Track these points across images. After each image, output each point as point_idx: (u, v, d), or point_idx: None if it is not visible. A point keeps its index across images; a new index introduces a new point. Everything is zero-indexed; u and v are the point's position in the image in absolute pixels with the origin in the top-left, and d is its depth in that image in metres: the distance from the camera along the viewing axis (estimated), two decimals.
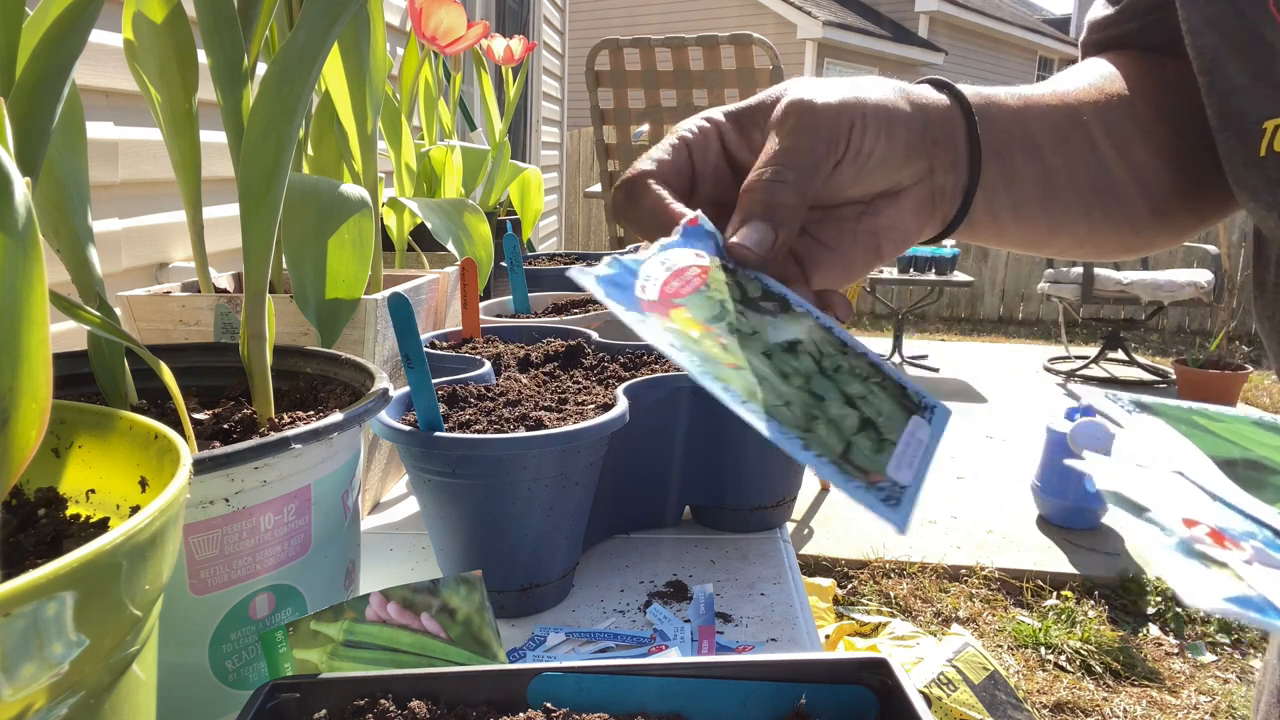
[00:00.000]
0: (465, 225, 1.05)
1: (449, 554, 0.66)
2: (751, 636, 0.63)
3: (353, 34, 0.78)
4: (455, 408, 0.68)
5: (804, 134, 0.40)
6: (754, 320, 0.36)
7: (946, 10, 12.89)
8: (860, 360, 0.38)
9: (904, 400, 0.37)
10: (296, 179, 0.72)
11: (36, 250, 0.24)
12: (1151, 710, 2.07)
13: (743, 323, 0.36)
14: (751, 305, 0.37)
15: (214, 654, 0.46)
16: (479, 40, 1.12)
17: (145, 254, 1.18)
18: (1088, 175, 0.49)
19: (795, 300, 0.39)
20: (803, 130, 0.40)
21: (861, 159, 0.41)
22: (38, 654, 0.21)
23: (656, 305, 0.35)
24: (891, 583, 2.61)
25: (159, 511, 0.26)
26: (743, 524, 0.80)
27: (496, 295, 1.16)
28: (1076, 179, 0.49)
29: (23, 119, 0.39)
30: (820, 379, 0.35)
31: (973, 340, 6.28)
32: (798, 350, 0.36)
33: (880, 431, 0.35)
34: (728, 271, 0.38)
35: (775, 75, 2.40)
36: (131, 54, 0.66)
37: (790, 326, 0.37)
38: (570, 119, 6.53)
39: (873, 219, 0.44)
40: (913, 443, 0.35)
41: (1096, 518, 2.93)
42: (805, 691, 0.35)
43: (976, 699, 1.82)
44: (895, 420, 0.36)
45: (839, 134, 0.40)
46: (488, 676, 0.37)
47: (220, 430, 0.53)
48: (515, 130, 4.36)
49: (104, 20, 0.48)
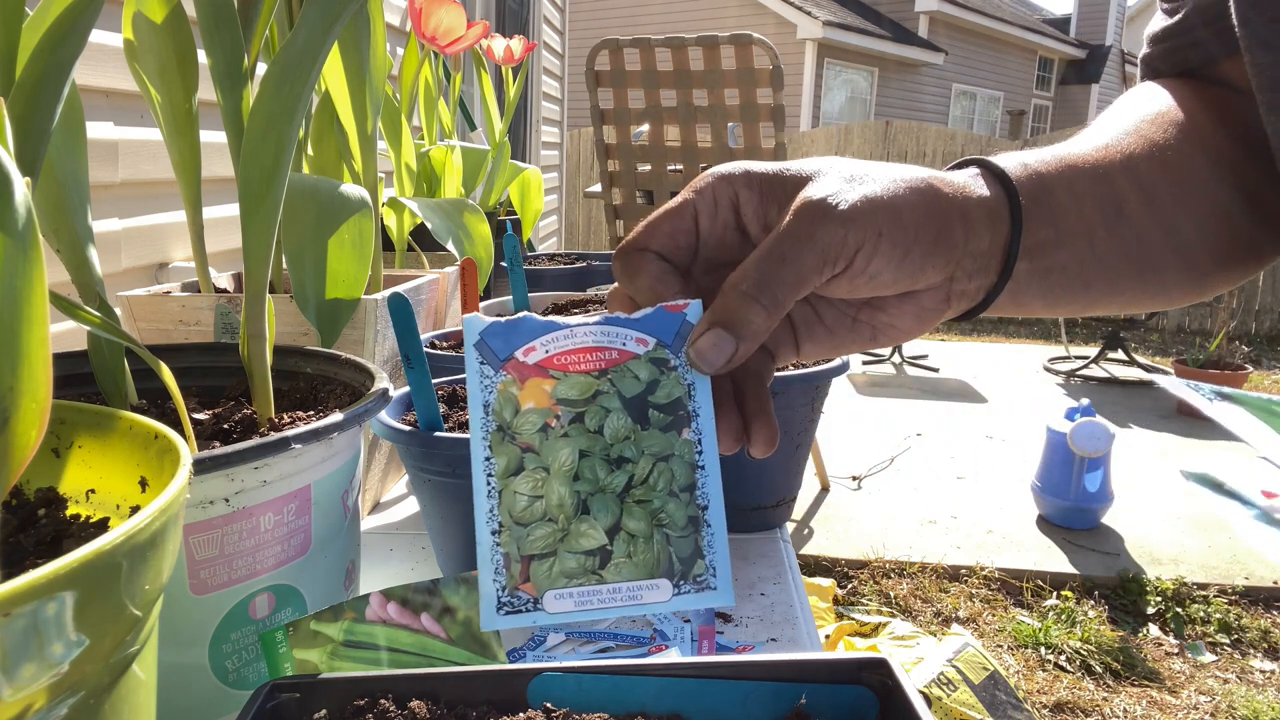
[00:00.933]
0: (465, 225, 1.05)
1: (449, 554, 0.66)
2: (751, 636, 0.63)
3: (353, 34, 0.78)
4: (455, 408, 0.68)
5: (801, 243, 0.37)
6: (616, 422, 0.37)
7: (946, 10, 12.89)
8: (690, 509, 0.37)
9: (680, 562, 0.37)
10: (296, 179, 0.72)
11: (36, 250, 0.24)
12: (1151, 710, 2.07)
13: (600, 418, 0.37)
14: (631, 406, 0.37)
15: (214, 654, 0.46)
16: (479, 40, 1.12)
17: (145, 254, 1.18)
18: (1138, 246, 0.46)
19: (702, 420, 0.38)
20: (801, 239, 0.37)
21: (863, 279, 0.38)
22: (38, 654, 0.21)
23: (527, 369, 0.37)
24: (891, 583, 2.61)
25: (159, 511, 0.26)
26: (743, 524, 0.80)
27: (496, 295, 1.16)
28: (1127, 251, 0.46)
29: (23, 119, 0.39)
30: (605, 499, 0.36)
31: (973, 340, 6.28)
32: (623, 467, 0.37)
33: (606, 558, 0.36)
34: (655, 364, 0.38)
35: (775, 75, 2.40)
36: (131, 54, 0.66)
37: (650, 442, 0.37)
38: (570, 119, 6.54)
39: (874, 314, 0.42)
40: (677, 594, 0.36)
41: (1096, 518, 2.93)
42: (805, 691, 0.35)
43: (976, 699, 1.82)
44: (646, 563, 0.36)
45: (839, 254, 0.37)
46: (488, 676, 0.37)
47: (220, 430, 0.53)
48: (515, 130, 4.36)
49: (104, 20, 0.49)
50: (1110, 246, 0.45)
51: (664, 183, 2.64)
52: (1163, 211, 0.47)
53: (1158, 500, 3.17)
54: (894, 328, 0.42)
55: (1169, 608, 2.49)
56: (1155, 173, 0.47)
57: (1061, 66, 16.74)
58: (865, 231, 0.37)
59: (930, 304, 0.42)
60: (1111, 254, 0.45)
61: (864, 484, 3.30)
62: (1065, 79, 16.76)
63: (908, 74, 12.92)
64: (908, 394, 4.57)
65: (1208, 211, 0.49)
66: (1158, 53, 0.57)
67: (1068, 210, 0.43)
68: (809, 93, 11.12)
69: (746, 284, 0.37)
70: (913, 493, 3.24)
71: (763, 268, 0.37)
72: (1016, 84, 15.38)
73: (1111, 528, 2.94)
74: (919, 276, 0.39)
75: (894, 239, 0.38)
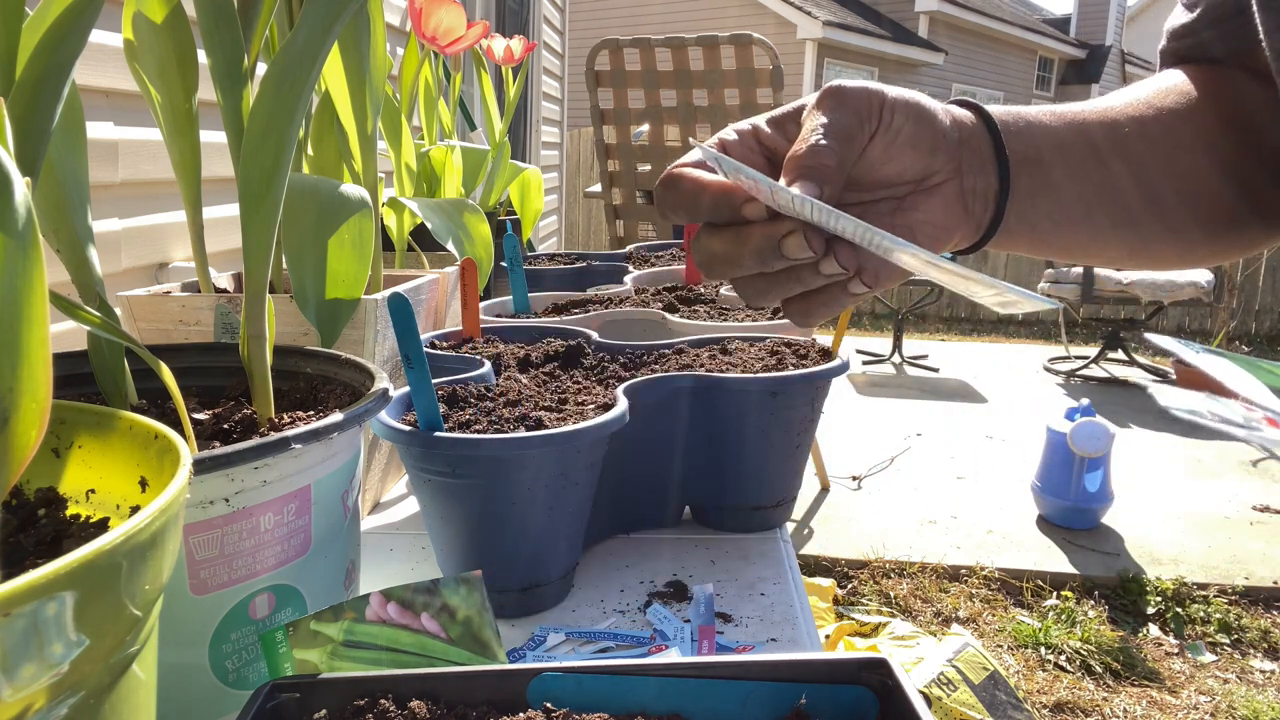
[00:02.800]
0: (465, 225, 1.05)
1: (449, 554, 0.66)
2: (751, 636, 0.63)
3: (353, 34, 0.78)
4: (455, 408, 0.68)
5: (839, 109, 0.43)
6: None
7: (946, 10, 12.89)
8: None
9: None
10: (296, 179, 0.72)
11: (36, 250, 0.24)
12: (1151, 710, 2.07)
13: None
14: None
15: (214, 654, 0.46)
16: (479, 40, 1.12)
17: (145, 254, 1.18)
18: (1135, 190, 0.50)
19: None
20: (838, 106, 0.43)
21: (891, 134, 0.44)
22: (38, 654, 0.21)
23: None
24: (891, 583, 2.61)
25: (159, 511, 0.26)
26: (743, 524, 0.80)
27: (496, 295, 1.16)
28: (1121, 192, 0.50)
29: (23, 119, 0.39)
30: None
31: (973, 340, 6.28)
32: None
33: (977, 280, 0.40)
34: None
35: (775, 75, 2.39)
36: (131, 54, 0.66)
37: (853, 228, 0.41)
38: (570, 119, 6.53)
39: (907, 214, 0.46)
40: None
41: (1096, 518, 2.93)
42: (805, 691, 0.35)
43: (976, 699, 1.82)
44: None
45: (870, 109, 0.43)
46: (488, 676, 0.37)
47: (220, 430, 0.53)
48: (515, 130, 4.36)
49: (104, 20, 0.49)
50: (1099, 178, 0.49)
51: None
52: (1138, 168, 0.50)
53: (1158, 500, 3.16)
54: (929, 224, 0.46)
55: (1169, 608, 2.49)
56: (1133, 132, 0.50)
57: (1061, 66, 16.74)
58: (881, 94, 0.44)
59: (951, 194, 0.46)
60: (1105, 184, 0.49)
61: (864, 484, 3.30)
62: (1065, 79, 16.75)
63: (908, 74, 12.91)
64: (908, 394, 4.57)
65: (1188, 180, 0.51)
66: (1170, 49, 0.58)
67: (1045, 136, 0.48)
68: (809, 93, 11.09)
69: (809, 141, 0.42)
70: (913, 493, 3.24)
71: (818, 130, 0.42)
72: (1016, 84, 15.37)
73: (1111, 528, 2.94)
74: (937, 146, 0.45)
75: (904, 100, 0.44)
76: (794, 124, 0.46)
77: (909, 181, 0.46)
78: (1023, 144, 0.48)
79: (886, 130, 0.44)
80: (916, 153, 0.45)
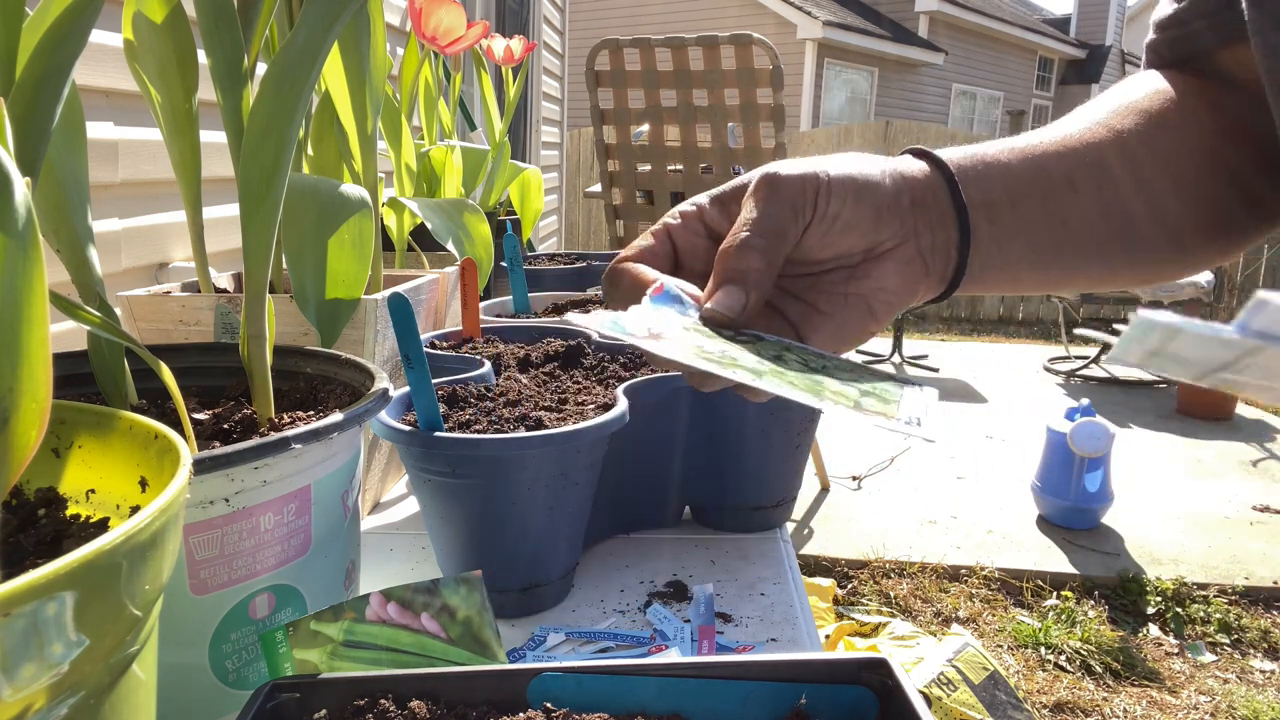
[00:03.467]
0: (465, 225, 1.05)
1: (449, 554, 0.66)
2: (751, 636, 0.63)
3: (353, 34, 0.78)
4: (455, 408, 0.68)
5: (772, 201, 0.43)
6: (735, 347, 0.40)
7: (946, 10, 12.89)
8: (844, 361, 0.42)
9: (893, 380, 0.42)
10: (296, 179, 0.72)
11: (36, 250, 0.24)
12: (1151, 710, 2.07)
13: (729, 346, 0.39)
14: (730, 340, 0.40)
15: (214, 654, 0.46)
16: (479, 40, 1.12)
17: (145, 254, 1.18)
18: (1100, 218, 0.49)
19: (769, 337, 0.43)
20: (771, 197, 0.43)
21: (828, 222, 0.43)
22: (38, 654, 0.21)
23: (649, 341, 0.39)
24: (891, 583, 2.61)
25: (159, 511, 0.26)
26: (743, 524, 0.80)
27: (496, 295, 1.16)
28: (1088, 223, 0.49)
29: (23, 119, 0.39)
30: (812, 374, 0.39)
31: (973, 340, 6.28)
32: (785, 359, 0.40)
33: (881, 396, 0.39)
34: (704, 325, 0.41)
35: (775, 75, 2.39)
36: (131, 54, 0.66)
37: (770, 346, 0.41)
38: (570, 119, 6.53)
39: (860, 282, 0.45)
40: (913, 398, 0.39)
41: (1096, 518, 2.93)
42: (805, 691, 0.35)
43: (976, 699, 1.82)
44: (891, 390, 0.40)
45: (804, 200, 0.43)
46: (488, 676, 0.37)
47: (220, 430, 0.53)
48: (515, 130, 4.36)
49: (104, 20, 0.49)
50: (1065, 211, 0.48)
51: (664, 183, 2.64)
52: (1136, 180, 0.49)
53: (1158, 500, 3.16)
54: (883, 290, 0.45)
55: (1169, 608, 2.49)
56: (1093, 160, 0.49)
57: (1061, 66, 16.74)
58: (817, 180, 0.43)
59: (905, 257, 0.45)
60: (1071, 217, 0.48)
61: (864, 484, 3.30)
62: (1065, 79, 16.75)
63: (908, 74, 12.92)
64: None
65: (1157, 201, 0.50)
66: (1161, 39, 0.58)
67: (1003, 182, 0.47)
68: (809, 93, 11.12)
69: (737, 240, 0.42)
70: (913, 493, 3.24)
71: (747, 226, 0.42)
72: (1016, 84, 15.38)
73: (1111, 528, 2.94)
74: (882, 220, 0.44)
75: (842, 183, 0.43)
76: (737, 204, 0.45)
77: (859, 252, 0.45)
78: (982, 190, 0.46)
79: (822, 219, 0.43)
80: (857, 233, 0.44)
